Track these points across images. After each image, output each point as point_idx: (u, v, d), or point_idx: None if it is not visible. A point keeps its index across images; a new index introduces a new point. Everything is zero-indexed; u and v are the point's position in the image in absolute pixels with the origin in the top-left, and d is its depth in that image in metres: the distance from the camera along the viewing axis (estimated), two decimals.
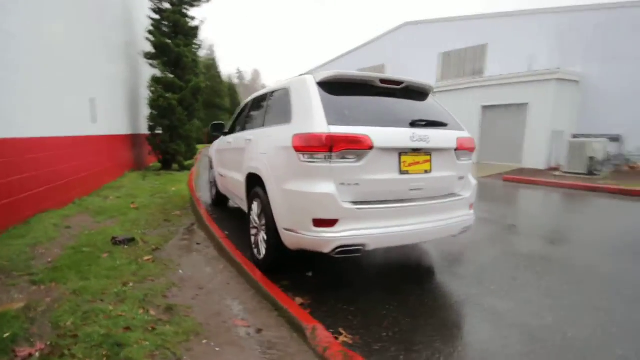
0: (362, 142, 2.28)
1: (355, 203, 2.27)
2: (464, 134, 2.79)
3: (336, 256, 2.25)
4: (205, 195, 5.96)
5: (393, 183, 2.41)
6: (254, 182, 3.04)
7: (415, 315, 2.20)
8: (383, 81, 2.67)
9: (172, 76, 8.65)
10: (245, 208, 3.41)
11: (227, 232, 3.67)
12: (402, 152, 2.43)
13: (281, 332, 1.94)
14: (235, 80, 39.57)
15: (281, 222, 2.47)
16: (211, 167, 5.58)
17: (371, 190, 2.34)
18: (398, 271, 2.99)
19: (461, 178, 2.78)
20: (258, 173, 2.78)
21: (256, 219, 2.99)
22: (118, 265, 2.80)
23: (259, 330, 1.95)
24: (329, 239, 2.20)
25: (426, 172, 2.53)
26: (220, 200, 5.36)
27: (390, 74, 19.09)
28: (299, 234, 2.32)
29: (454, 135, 2.68)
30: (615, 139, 12.23)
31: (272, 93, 3.20)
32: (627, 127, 12.24)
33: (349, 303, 2.35)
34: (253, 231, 3.12)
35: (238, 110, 4.49)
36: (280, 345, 1.81)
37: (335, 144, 2.21)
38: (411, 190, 2.49)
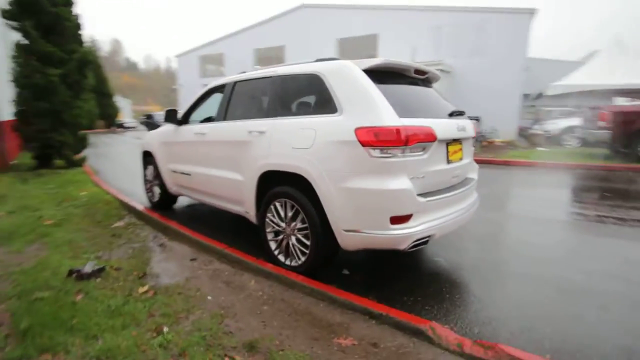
0: (430, 135, 2.24)
1: (423, 195, 2.24)
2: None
3: (409, 250, 2.21)
4: (136, 197, 4.87)
5: (444, 173, 2.47)
6: (275, 182, 2.65)
7: (473, 289, 2.36)
8: (417, 71, 2.65)
9: (50, 45, 6.51)
10: (250, 211, 2.94)
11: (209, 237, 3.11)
12: (448, 142, 2.50)
13: (398, 339, 1.80)
14: None
15: (340, 223, 2.25)
16: (147, 164, 4.58)
17: (431, 181, 2.35)
18: (417, 255, 3.11)
19: (471, 162, 3.05)
20: (295, 171, 2.42)
21: (280, 223, 2.64)
22: (115, 308, 2.06)
23: (374, 344, 1.77)
24: (407, 235, 2.13)
25: (460, 160, 2.68)
26: (166, 202, 4.48)
27: (292, 56, 19.33)
28: (368, 233, 2.17)
29: (471, 123, 2.90)
30: (476, 119, 15.31)
31: (282, 78, 2.78)
32: (483, 111, 15.34)
33: (410, 293, 2.35)
34: (270, 236, 2.75)
35: (204, 94, 3.75)
36: (412, 355, 1.69)
37: (410, 137, 2.11)
38: (453, 178, 2.61)
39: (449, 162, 2.51)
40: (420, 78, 2.76)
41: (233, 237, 3.39)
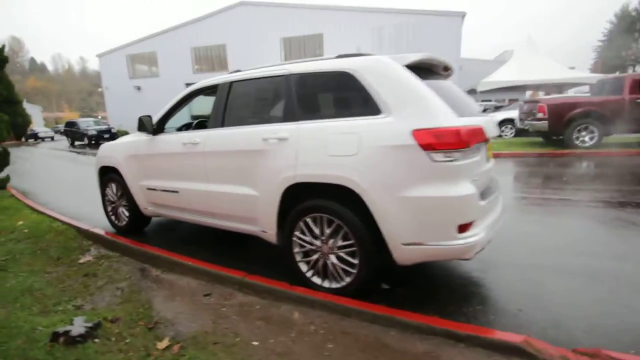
0: (482, 135, 2.12)
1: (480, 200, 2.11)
2: None
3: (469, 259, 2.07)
4: (92, 221, 4.07)
5: (485, 173, 2.38)
6: (303, 195, 2.32)
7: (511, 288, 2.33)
8: (446, 68, 2.52)
9: None
10: (268, 230, 2.55)
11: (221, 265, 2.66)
12: (486, 141, 2.42)
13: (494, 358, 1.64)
14: None
15: (398, 237, 2.01)
16: (109, 182, 3.84)
17: (480, 183, 2.24)
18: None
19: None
20: (337, 182, 2.11)
21: (314, 241, 2.32)
22: None
23: None
24: (474, 242, 1.98)
25: (490, 159, 2.63)
26: (136, 225, 3.81)
27: (234, 55, 18.77)
28: (433, 245, 1.97)
29: None
30: None
31: (301, 76, 2.43)
32: None
33: (463, 302, 2.23)
34: (299, 257, 2.42)
35: (185, 97, 3.21)
36: None
37: (471, 138, 1.96)
38: (489, 178, 2.54)
39: (487, 161, 2.43)
40: (445, 75, 2.64)
41: (238, 259, 2.96)
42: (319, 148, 2.20)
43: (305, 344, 1.84)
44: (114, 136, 19.43)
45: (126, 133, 22.85)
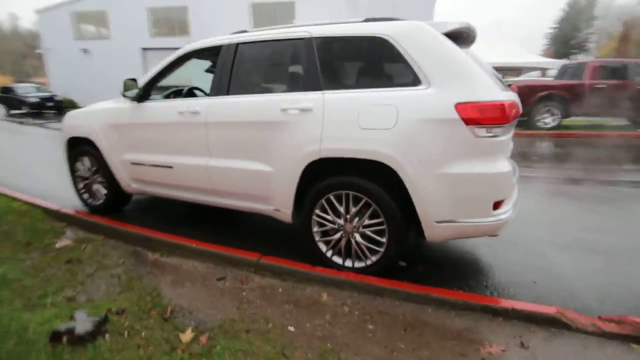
0: (518, 110, 2.07)
1: None
2: None
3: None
4: (56, 199, 3.60)
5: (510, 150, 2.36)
6: (326, 171, 2.17)
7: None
8: (472, 39, 2.41)
9: None
10: (283, 209, 2.37)
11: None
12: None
13: (539, 333, 1.66)
14: None
15: (433, 214, 1.95)
16: (80, 155, 3.37)
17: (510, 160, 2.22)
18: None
19: None
20: (371, 157, 1.97)
21: (337, 220, 2.20)
22: None
23: (522, 345, 1.59)
24: (505, 219, 1.97)
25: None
26: (115, 204, 3.42)
27: (197, 19, 17.24)
28: (466, 222, 1.93)
29: None
30: None
31: (326, 40, 2.18)
32: None
33: (481, 275, 2.26)
34: (317, 236, 2.29)
35: (177, 60, 2.82)
36: (566, 347, 1.58)
37: (512, 113, 1.89)
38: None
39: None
40: (470, 45, 2.53)
41: (234, 239, 2.76)
42: (349, 120, 2.03)
43: (344, 326, 1.75)
44: (58, 104, 17.43)
45: (72, 102, 20.56)
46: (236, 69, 2.52)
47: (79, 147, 3.40)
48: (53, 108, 17.34)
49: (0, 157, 6.59)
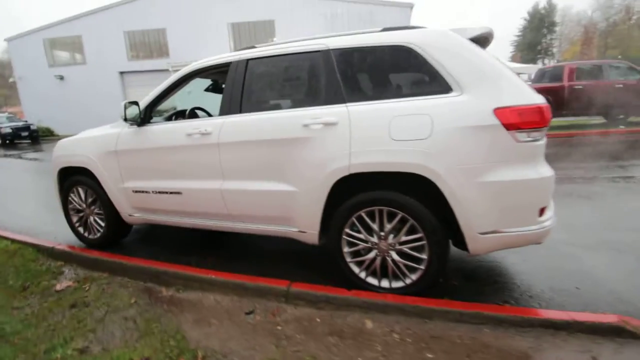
0: (550, 112, 2.02)
1: None
2: None
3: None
4: (45, 235, 3.32)
5: None
6: (355, 188, 2.05)
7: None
8: (488, 43, 2.38)
9: None
10: (309, 230, 2.22)
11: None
12: None
13: (605, 344, 1.56)
14: None
15: (477, 225, 1.84)
16: (74, 186, 3.13)
17: None
18: None
19: None
20: (407, 170, 1.87)
21: (370, 238, 2.06)
22: None
23: (595, 359, 1.49)
24: (549, 226, 1.89)
25: None
26: (115, 236, 3.18)
27: (176, 40, 17.18)
28: (512, 232, 1.84)
29: None
30: None
31: (345, 52, 2.10)
32: None
33: (526, 285, 2.17)
34: (349, 257, 2.15)
35: (179, 80, 2.68)
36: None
37: (549, 115, 1.84)
38: None
39: None
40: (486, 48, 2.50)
41: (256, 263, 2.58)
42: (380, 133, 1.93)
43: (400, 358, 1.59)
44: (33, 134, 16.73)
45: (49, 130, 19.80)
46: (248, 86, 2.40)
47: (73, 178, 3.15)
48: (28, 138, 16.62)
49: None
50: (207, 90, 3.41)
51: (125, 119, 2.63)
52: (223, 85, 3.49)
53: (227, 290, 2.23)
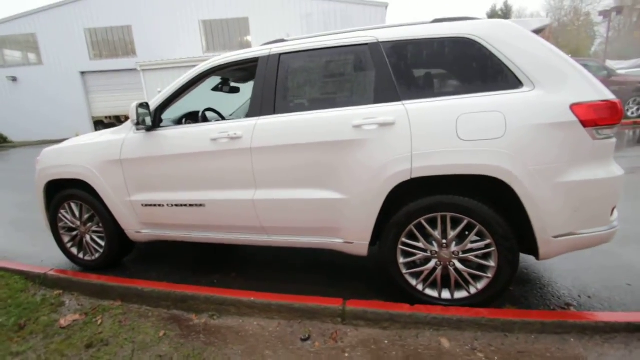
0: None
1: None
2: None
3: None
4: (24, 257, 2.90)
5: None
6: (413, 193, 1.88)
7: None
8: None
9: None
10: (358, 240, 2.03)
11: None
12: None
13: None
14: None
15: (551, 229, 1.74)
16: (64, 201, 2.73)
17: None
18: None
19: None
20: (479, 172, 1.72)
21: (429, 247, 1.91)
22: None
23: None
24: (617, 225, 1.83)
25: None
26: (117, 256, 2.82)
27: (141, 38, 16.45)
28: (585, 233, 1.76)
29: None
30: None
31: (397, 45, 1.92)
32: None
33: (577, 285, 2.11)
34: (404, 268, 1.98)
35: (194, 79, 2.38)
36: None
37: (622, 112, 1.77)
38: None
39: None
40: None
41: (290, 279, 2.36)
42: (445, 132, 1.77)
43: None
44: None
45: (1, 137, 17.99)
46: (282, 83, 2.16)
47: (64, 192, 2.74)
48: None
49: None
50: (215, 89, 3.11)
51: (138, 123, 2.29)
52: (233, 84, 3.23)
53: (271, 314, 1.98)
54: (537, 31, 2.00)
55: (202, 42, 18.17)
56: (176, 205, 2.41)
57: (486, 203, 1.80)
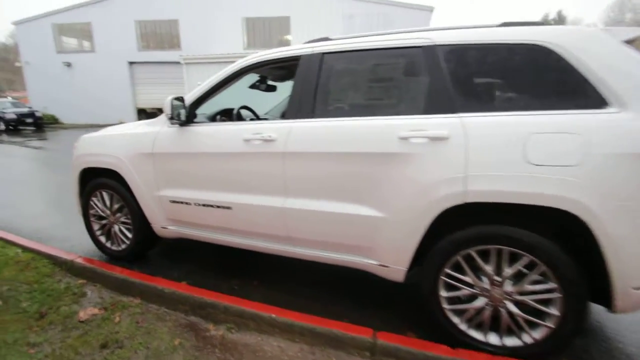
0: None
1: None
2: None
3: None
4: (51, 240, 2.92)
5: None
6: (462, 219, 1.65)
7: None
8: None
9: None
10: (395, 265, 1.82)
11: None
12: None
13: None
14: None
15: (632, 278, 1.44)
16: (96, 189, 2.72)
17: None
18: None
19: None
20: (548, 204, 1.46)
21: (479, 283, 1.66)
22: None
23: None
24: None
25: None
26: (142, 248, 2.78)
27: (188, 32, 16.74)
28: None
29: None
30: None
31: (455, 49, 1.70)
32: None
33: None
34: (447, 303, 1.74)
35: (232, 75, 2.27)
36: None
37: None
38: None
39: None
40: None
41: (315, 295, 2.18)
42: (511, 153, 1.52)
43: None
44: (37, 121, 16.28)
45: (53, 118, 19.31)
46: (323, 85, 1.99)
47: (97, 180, 2.75)
48: (32, 125, 16.19)
49: None
50: (253, 87, 3.00)
51: (172, 117, 2.21)
52: (271, 82, 3.11)
53: (293, 335, 1.82)
54: (628, 42, 1.70)
55: (243, 38, 18.49)
56: (203, 205, 2.31)
57: (552, 239, 1.53)
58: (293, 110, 2.04)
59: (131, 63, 19.30)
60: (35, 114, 16.20)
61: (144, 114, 19.48)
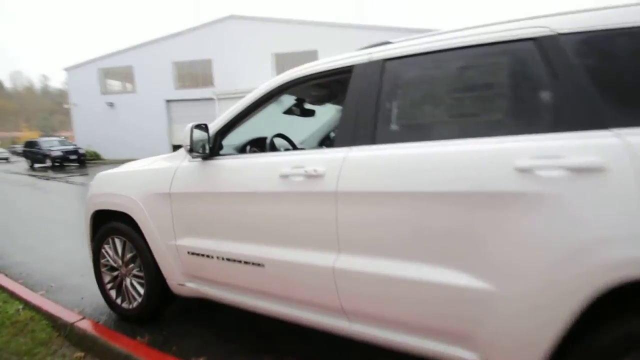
0: None
1: None
2: None
3: None
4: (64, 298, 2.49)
5: None
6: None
7: None
8: None
9: None
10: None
11: None
12: None
13: None
14: None
15: None
16: (108, 235, 2.31)
17: None
18: None
19: None
20: None
21: None
22: None
23: None
24: None
25: None
26: (157, 307, 2.28)
27: (221, 71, 17.38)
28: None
29: None
30: None
31: (584, 39, 1.15)
32: None
33: None
34: None
35: (264, 97, 1.83)
36: None
37: None
38: None
39: None
40: None
41: None
42: None
43: None
44: (81, 157, 17.16)
45: (95, 154, 20.42)
46: (386, 100, 1.48)
47: (109, 224, 2.35)
48: (76, 161, 17.08)
49: (8, 221, 5.64)
50: (287, 112, 2.57)
51: (191, 149, 1.78)
52: (306, 105, 2.67)
53: None
54: None
55: (272, 73, 18.99)
56: (228, 259, 1.80)
57: None
58: (346, 135, 1.53)
59: (168, 101, 20.30)
60: (78, 151, 17.12)
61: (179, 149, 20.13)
